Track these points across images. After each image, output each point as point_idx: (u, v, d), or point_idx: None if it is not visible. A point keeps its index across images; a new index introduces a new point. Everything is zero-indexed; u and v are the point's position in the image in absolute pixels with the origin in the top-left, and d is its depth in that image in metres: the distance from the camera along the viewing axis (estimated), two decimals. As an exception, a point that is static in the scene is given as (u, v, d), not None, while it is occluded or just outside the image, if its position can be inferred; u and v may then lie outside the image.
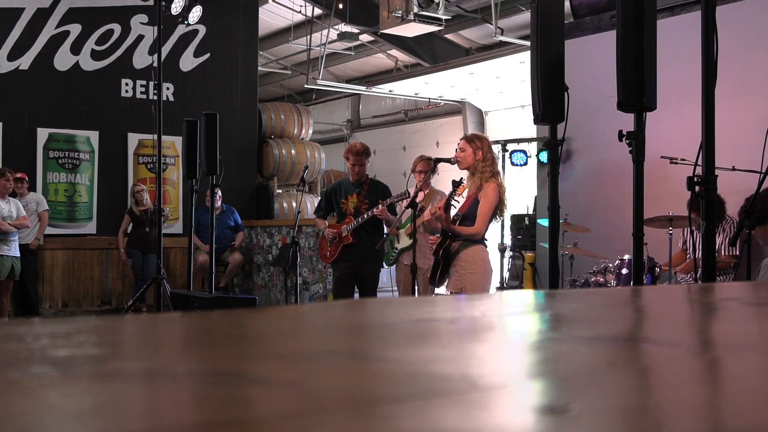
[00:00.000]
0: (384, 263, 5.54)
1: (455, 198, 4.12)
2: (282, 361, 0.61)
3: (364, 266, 5.13)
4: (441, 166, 4.95)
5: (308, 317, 0.99)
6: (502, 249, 8.35)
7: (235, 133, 9.28)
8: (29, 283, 7.49)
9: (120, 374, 0.55)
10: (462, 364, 0.60)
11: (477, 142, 4.28)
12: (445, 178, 5.86)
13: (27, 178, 7.56)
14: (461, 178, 4.20)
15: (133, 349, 0.72)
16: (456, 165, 4.32)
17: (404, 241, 5.46)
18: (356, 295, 5.25)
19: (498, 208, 4.23)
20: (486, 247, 4.31)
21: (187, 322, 0.96)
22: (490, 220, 4.22)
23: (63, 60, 8.45)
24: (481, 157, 4.23)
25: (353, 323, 0.90)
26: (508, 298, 1.34)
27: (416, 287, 4.86)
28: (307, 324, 0.91)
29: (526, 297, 1.46)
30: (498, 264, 8.30)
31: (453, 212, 4.23)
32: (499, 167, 8.64)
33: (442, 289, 4.51)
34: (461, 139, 4.36)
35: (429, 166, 4.99)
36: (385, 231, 5.16)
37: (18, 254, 6.80)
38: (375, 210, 4.90)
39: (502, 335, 0.82)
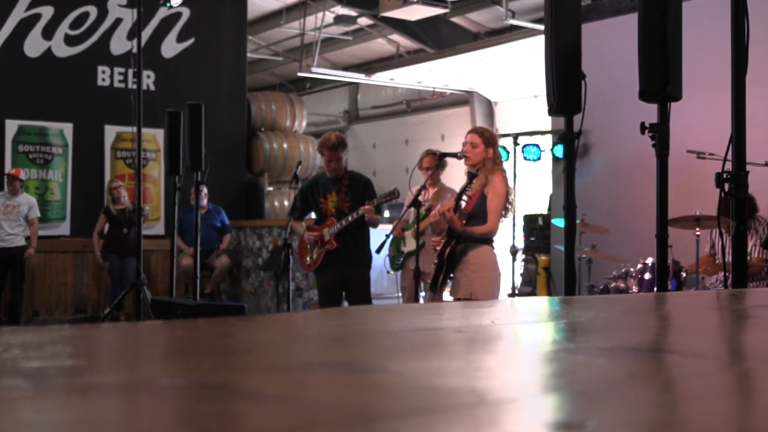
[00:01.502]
0: (390, 268, 5.54)
1: (467, 194, 4.11)
2: (273, 374, 0.61)
3: (351, 271, 5.11)
4: (450, 160, 4.95)
5: (302, 326, 0.99)
6: (513, 252, 8.34)
7: (222, 126, 9.27)
8: (18, 290, 7.55)
9: (97, 387, 0.55)
10: (470, 377, 0.60)
11: (488, 136, 4.29)
12: (452, 173, 5.87)
13: (21, 176, 7.58)
14: (477, 171, 4.19)
15: (112, 360, 0.72)
16: (463, 161, 4.32)
17: (411, 244, 5.45)
18: (344, 303, 5.25)
19: (506, 207, 4.24)
20: (494, 248, 4.31)
21: (169, 331, 0.96)
22: (502, 216, 4.23)
23: (34, 45, 8.45)
24: (492, 154, 4.24)
25: (351, 332, 0.90)
26: (520, 306, 1.34)
27: (421, 294, 4.85)
28: (301, 333, 0.92)
29: (540, 304, 1.46)
30: (509, 268, 8.30)
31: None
32: (510, 163, 8.72)
33: (446, 296, 4.51)
34: (470, 132, 4.36)
35: (435, 161, 5.00)
36: (387, 233, 5.16)
37: None
38: (362, 209, 4.89)
39: (513, 345, 0.82)
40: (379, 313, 1.13)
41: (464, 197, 4.11)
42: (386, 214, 11.79)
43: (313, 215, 5.48)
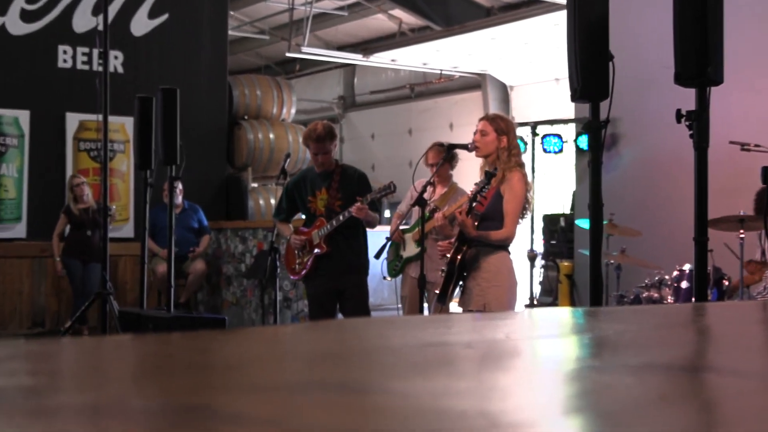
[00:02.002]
0: (387, 274, 5.54)
1: (483, 195, 4.09)
2: (259, 394, 0.61)
3: (344, 279, 5.11)
4: (463, 154, 4.95)
5: (291, 341, 1.00)
6: (531, 257, 8.36)
7: (200, 114, 9.28)
8: None
9: (61, 409, 0.56)
10: (481, 398, 0.61)
11: (501, 124, 4.29)
12: (465, 169, 5.87)
13: None
14: (495, 169, 4.19)
15: (76, 378, 0.73)
16: (474, 152, 4.32)
17: (411, 249, 5.45)
18: (339, 316, 5.27)
19: (525, 207, 4.24)
20: (510, 254, 4.32)
21: (140, 346, 0.96)
22: (520, 218, 4.24)
23: (-15, 22, 8.46)
24: (506, 144, 4.24)
25: (346, 348, 0.91)
26: (539, 318, 1.35)
27: (425, 305, 4.86)
28: (290, 349, 0.92)
29: (561, 316, 1.46)
30: (527, 276, 8.30)
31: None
32: (527, 155, 8.73)
33: (454, 308, 4.51)
34: (481, 120, 4.37)
35: (442, 155, 5.01)
36: (386, 236, 5.17)
37: None
38: (352, 209, 4.87)
39: (530, 363, 0.83)
40: (378, 326, 1.14)
41: (479, 198, 4.10)
42: (387, 213, 11.81)
43: (302, 216, 5.49)
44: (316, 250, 5.14)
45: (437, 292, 4.30)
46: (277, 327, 1.84)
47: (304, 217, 5.39)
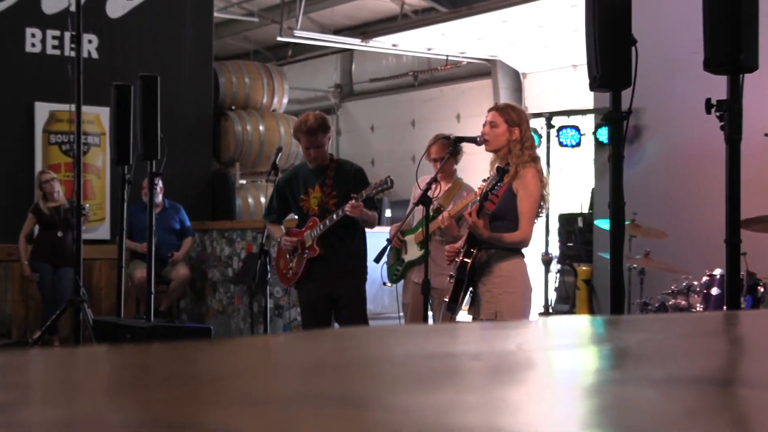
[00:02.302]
0: (387, 280, 5.54)
1: (494, 193, 4.09)
2: (249, 408, 0.62)
3: (340, 284, 5.13)
4: (466, 148, 4.94)
5: (283, 351, 1.00)
6: (546, 261, 8.36)
7: (183, 103, 9.29)
8: None
9: (32, 425, 0.56)
10: (490, 413, 0.61)
11: (513, 114, 4.29)
12: (471, 164, 5.87)
13: None
14: (508, 165, 4.19)
15: (48, 392, 0.73)
16: (483, 146, 4.33)
17: (413, 252, 5.45)
18: (335, 325, 5.27)
19: (540, 205, 4.25)
20: (524, 257, 4.32)
21: (117, 358, 0.97)
22: (536, 220, 4.24)
23: (-54, 2, 8.47)
24: (519, 136, 4.25)
25: (344, 359, 0.91)
26: (555, 327, 1.35)
27: (429, 313, 4.86)
28: (282, 360, 0.92)
29: (579, 325, 1.46)
30: (541, 281, 8.29)
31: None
32: (542, 150, 8.72)
33: (463, 316, 4.51)
34: (491, 110, 4.37)
35: (447, 149, 5.01)
36: (387, 237, 5.17)
37: None
38: (346, 207, 4.88)
39: (544, 375, 0.83)
40: (378, 336, 1.14)
41: (490, 196, 4.10)
42: (388, 213, 11.81)
43: (295, 216, 5.50)
44: (308, 253, 5.15)
45: (446, 300, 4.30)
46: (268, 337, 1.85)
47: (297, 217, 5.41)
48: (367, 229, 5.28)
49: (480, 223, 4.04)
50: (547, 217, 8.22)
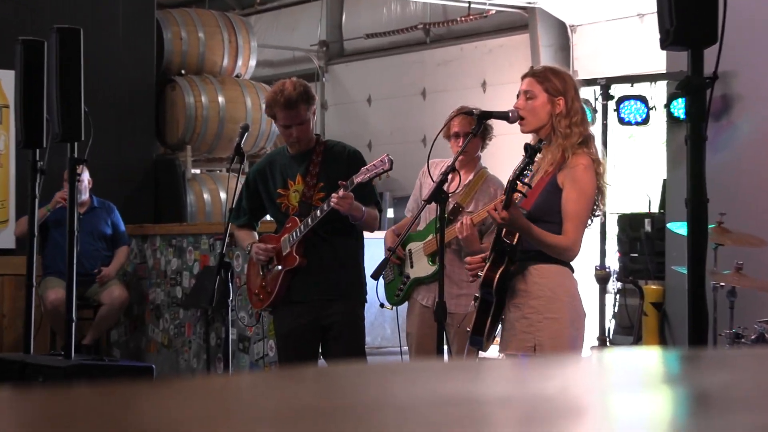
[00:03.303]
0: (386, 300, 5.53)
1: (524, 182, 4.05)
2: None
3: (331, 308, 5.15)
4: (500, 128, 4.94)
5: (249, 396, 1.00)
6: (602, 277, 8.34)
7: (115, 66, 9.29)
8: None
9: None
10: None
11: (555, 80, 4.29)
12: (498, 150, 5.86)
13: None
14: (541, 142, 4.17)
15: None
16: (518, 124, 4.32)
17: (422, 266, 5.45)
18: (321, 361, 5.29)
19: (596, 202, 4.24)
20: (573, 272, 4.32)
21: (26, 405, 0.97)
22: (587, 223, 4.23)
23: None
24: (564, 109, 4.24)
25: (332, 406, 0.90)
26: (613, 364, 1.35)
27: (444, 345, 4.84)
28: (249, 407, 0.92)
29: (646, 361, 1.46)
30: (595, 304, 8.24)
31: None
32: (596, 128, 8.70)
33: (491, 350, 4.50)
34: (526, 76, 4.36)
35: (471, 125, 5.01)
36: (387, 249, 5.17)
37: None
38: (331, 200, 4.89)
39: (597, 426, 0.83)
40: (377, 375, 1.14)
41: (520, 184, 4.07)
42: (390, 213, 11.80)
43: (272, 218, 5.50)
44: (285, 265, 5.14)
45: (468, 329, 4.29)
46: (229, 377, 1.85)
47: (275, 220, 5.42)
48: (366, 234, 5.29)
49: (508, 216, 3.99)
50: (604, 218, 8.22)
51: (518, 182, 4.04)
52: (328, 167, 5.17)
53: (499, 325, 4.31)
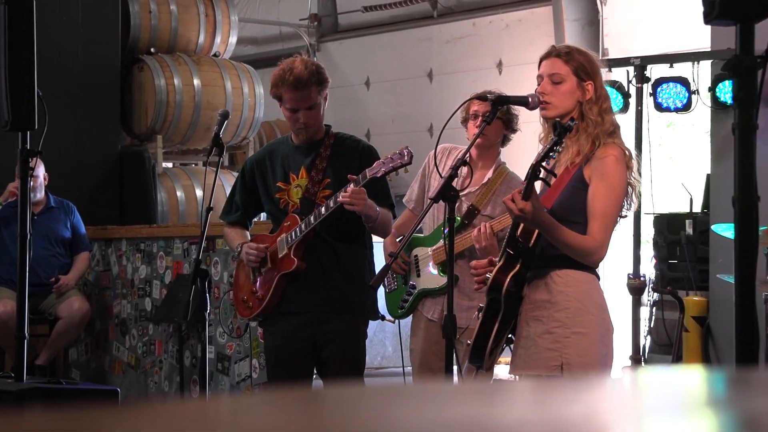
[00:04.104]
0: (388, 313, 5.54)
1: (549, 168, 4.03)
2: None
3: (330, 322, 5.17)
4: (519, 114, 4.94)
5: (230, 424, 1.00)
6: (636, 287, 8.33)
7: (74, 44, 9.29)
8: None
9: None
10: None
11: (583, 61, 4.31)
12: (518, 138, 5.86)
13: None
14: (572, 120, 4.14)
15: None
16: (540, 111, 4.32)
17: (430, 276, 5.46)
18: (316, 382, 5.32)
19: (625, 200, 4.26)
20: (598, 279, 4.32)
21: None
22: (616, 223, 4.24)
23: None
24: (593, 95, 4.26)
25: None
26: (649, 385, 1.35)
27: (452, 363, 4.83)
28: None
29: (687, 382, 1.46)
30: (628, 317, 8.23)
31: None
32: (628, 116, 8.70)
33: (501, 370, 4.51)
34: (548, 57, 4.37)
35: (486, 109, 5.03)
36: (389, 254, 5.18)
37: None
38: (341, 195, 4.90)
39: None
40: (380, 399, 1.14)
41: (543, 173, 4.05)
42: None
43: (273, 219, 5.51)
44: (281, 268, 5.16)
45: (469, 342, 4.29)
46: (207, 402, 1.86)
47: (271, 220, 5.44)
48: (375, 237, 5.29)
49: (530, 206, 3.98)
50: (638, 219, 8.21)
51: (541, 168, 4.02)
52: (337, 162, 5.18)
53: (504, 341, 4.29)
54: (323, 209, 5.01)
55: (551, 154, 4.05)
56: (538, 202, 4.04)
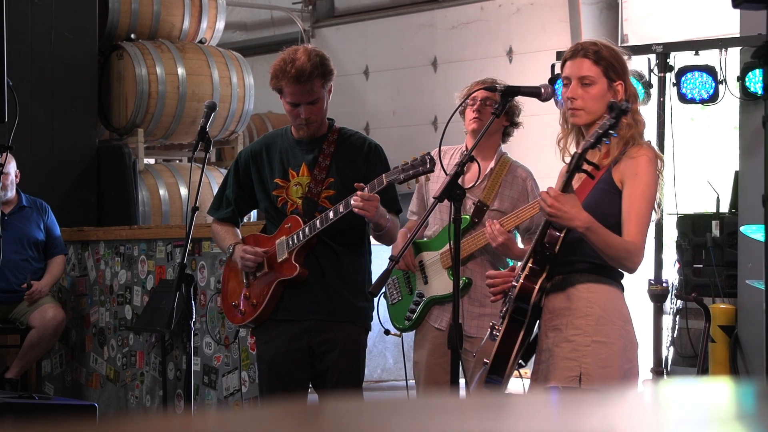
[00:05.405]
0: (392, 325, 5.55)
1: (591, 161, 3.99)
2: None
3: (329, 332, 5.19)
4: (526, 105, 4.95)
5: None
6: (658, 294, 8.34)
7: (47, 30, 9.29)
8: None
9: None
10: None
11: (614, 62, 4.32)
12: (524, 131, 5.86)
13: None
14: (627, 102, 4.08)
15: None
16: (570, 118, 4.32)
17: (440, 281, 5.46)
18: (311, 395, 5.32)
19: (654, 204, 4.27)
20: (622, 290, 4.33)
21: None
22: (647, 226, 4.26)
23: None
24: (623, 96, 4.27)
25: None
26: (672, 398, 1.35)
27: (457, 375, 4.84)
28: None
29: (712, 395, 1.47)
30: (649, 326, 8.23)
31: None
32: (649, 108, 8.69)
33: (514, 384, 4.51)
34: (575, 57, 4.34)
35: (486, 95, 5.04)
36: (389, 258, 5.17)
37: None
38: (353, 200, 4.88)
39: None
40: (380, 414, 1.15)
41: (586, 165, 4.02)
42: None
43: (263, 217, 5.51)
44: (280, 274, 5.17)
45: (486, 361, 4.28)
46: (192, 417, 1.86)
47: (265, 218, 5.44)
48: (375, 243, 5.29)
49: (569, 205, 3.96)
50: (660, 221, 8.20)
51: (583, 157, 3.97)
52: (342, 161, 5.20)
53: (520, 356, 4.27)
54: (331, 213, 5.01)
55: (605, 139, 3.98)
56: (576, 199, 4.04)
